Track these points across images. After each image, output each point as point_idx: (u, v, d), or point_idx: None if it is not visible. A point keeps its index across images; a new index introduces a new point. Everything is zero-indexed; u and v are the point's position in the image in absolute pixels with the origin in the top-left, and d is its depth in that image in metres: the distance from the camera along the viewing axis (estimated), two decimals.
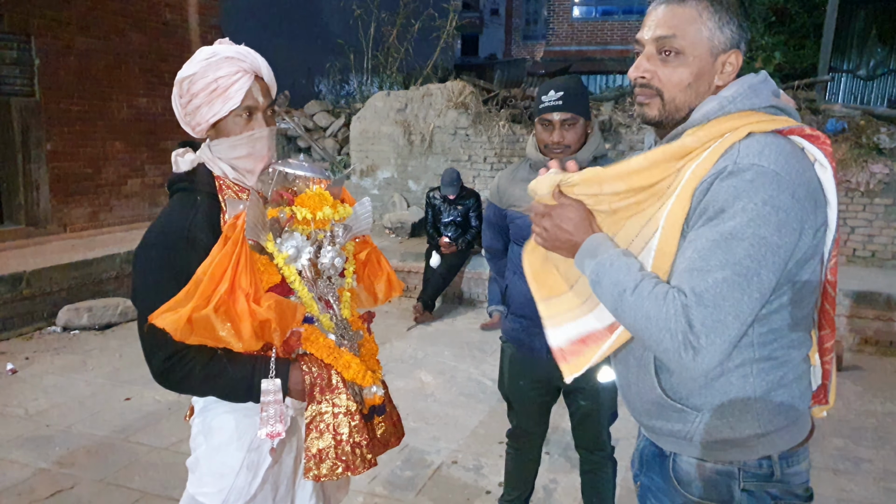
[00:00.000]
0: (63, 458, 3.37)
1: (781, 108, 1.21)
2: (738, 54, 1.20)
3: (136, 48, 8.11)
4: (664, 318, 1.05)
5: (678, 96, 1.21)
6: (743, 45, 1.21)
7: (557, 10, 17.99)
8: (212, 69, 1.42)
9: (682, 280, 1.08)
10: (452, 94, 8.01)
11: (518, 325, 2.34)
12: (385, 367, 1.69)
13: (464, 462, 3.37)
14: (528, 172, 2.29)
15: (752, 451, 1.22)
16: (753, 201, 1.06)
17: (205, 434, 1.54)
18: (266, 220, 1.41)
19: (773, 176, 1.08)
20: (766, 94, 1.20)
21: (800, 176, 1.11)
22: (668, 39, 1.18)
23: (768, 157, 1.09)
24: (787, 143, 1.14)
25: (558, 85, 2.14)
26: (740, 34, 1.20)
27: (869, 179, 6.25)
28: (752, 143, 1.12)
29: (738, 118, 1.16)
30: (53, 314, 5.62)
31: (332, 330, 1.50)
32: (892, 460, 3.47)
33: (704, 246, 1.07)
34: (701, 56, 1.19)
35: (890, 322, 5.33)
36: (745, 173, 1.08)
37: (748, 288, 1.05)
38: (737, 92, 1.18)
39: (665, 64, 1.20)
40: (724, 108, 1.17)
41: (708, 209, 1.10)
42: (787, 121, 1.18)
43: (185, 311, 1.29)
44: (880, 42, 9.43)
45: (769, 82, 1.23)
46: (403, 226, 7.92)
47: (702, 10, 1.17)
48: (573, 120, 2.13)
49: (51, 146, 7.20)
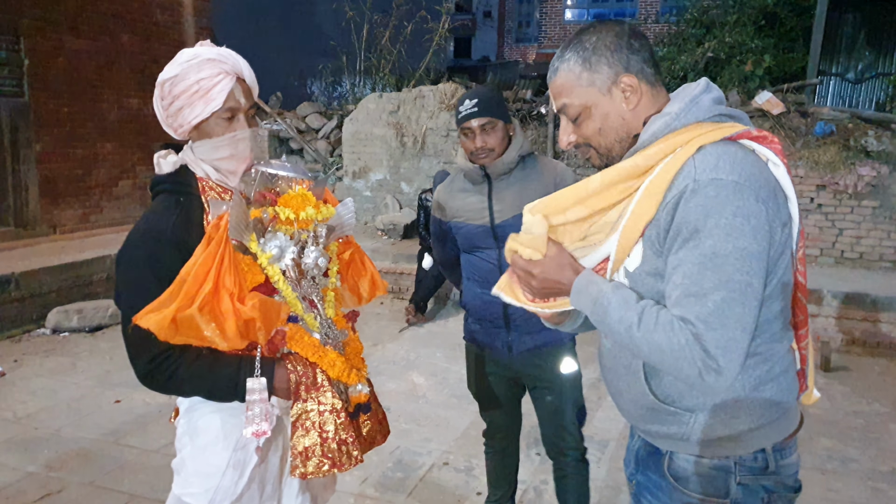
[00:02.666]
0: (52, 462, 3.35)
1: (726, 113, 1.23)
2: (628, 77, 1.24)
3: (127, 49, 8.09)
4: (679, 349, 1.10)
5: (604, 141, 1.29)
6: (634, 65, 1.24)
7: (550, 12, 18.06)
8: (193, 71, 1.42)
9: (683, 307, 1.11)
10: (445, 96, 8.03)
11: (478, 326, 2.41)
12: (377, 368, 1.70)
13: (455, 463, 3.38)
14: (463, 183, 2.36)
15: (747, 444, 1.24)
16: (724, 216, 1.10)
17: (190, 434, 1.54)
18: (249, 220, 1.42)
19: (734, 186, 1.11)
20: (707, 104, 1.22)
21: (757, 178, 1.14)
22: (565, 108, 1.28)
23: (724, 168, 1.12)
24: (737, 148, 1.17)
25: (472, 94, 2.23)
26: (621, 59, 1.24)
27: (857, 182, 6.30)
28: (705, 156, 1.14)
29: (686, 132, 1.19)
30: (43, 316, 5.60)
31: (316, 329, 1.51)
32: (879, 460, 3.50)
33: (692, 270, 1.11)
34: (596, 102, 1.26)
35: (877, 323, 5.38)
36: (707, 189, 1.11)
37: (746, 300, 1.10)
38: (680, 107, 1.21)
39: (578, 126, 1.29)
40: (671, 125, 1.20)
41: (681, 230, 1.13)
42: (734, 126, 1.20)
43: (170, 311, 1.29)
44: (868, 46, 9.52)
45: (711, 91, 1.25)
46: (396, 227, 7.93)
47: (573, 68, 1.25)
48: (491, 123, 2.20)
49: (40, 147, 7.17)
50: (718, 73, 8.79)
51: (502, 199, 2.25)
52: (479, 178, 2.29)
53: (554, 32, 17.95)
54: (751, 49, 8.86)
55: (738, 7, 10.24)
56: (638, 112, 1.25)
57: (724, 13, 10.40)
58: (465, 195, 2.34)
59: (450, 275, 2.65)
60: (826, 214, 6.51)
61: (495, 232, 2.26)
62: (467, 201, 2.32)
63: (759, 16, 9.85)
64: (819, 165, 6.43)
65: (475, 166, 2.27)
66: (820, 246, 6.58)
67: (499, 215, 2.25)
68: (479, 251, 2.31)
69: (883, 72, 9.49)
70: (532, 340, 2.29)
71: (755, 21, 9.71)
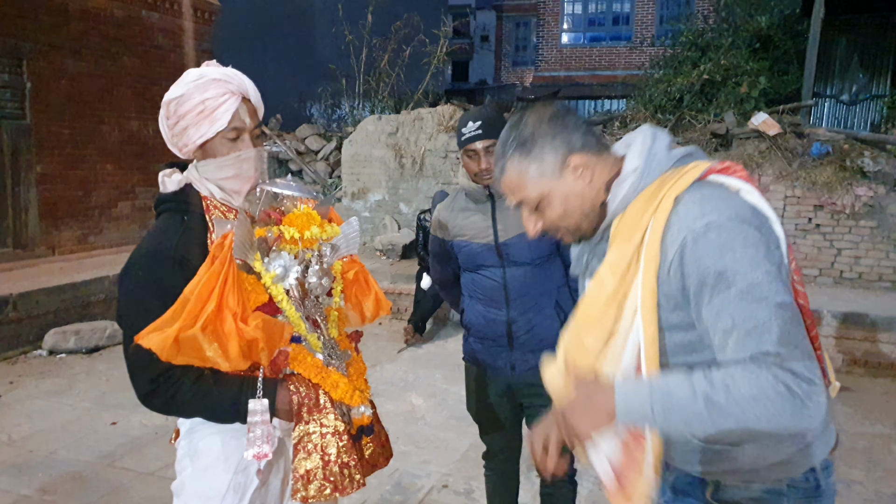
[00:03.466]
0: (46, 485, 3.30)
1: (683, 155, 1.24)
2: (576, 156, 1.23)
3: (128, 72, 8.16)
4: (770, 387, 1.01)
5: (570, 221, 1.28)
6: (576, 141, 1.23)
7: (546, 36, 18.27)
8: (199, 91, 1.43)
9: (751, 345, 1.05)
10: (443, 118, 8.09)
11: (480, 345, 2.39)
12: (375, 389, 1.68)
13: (454, 486, 3.34)
14: (465, 202, 2.36)
15: (798, 465, 1.23)
16: (737, 251, 1.08)
17: (191, 456, 1.52)
18: (254, 239, 1.42)
19: (731, 222, 1.10)
20: (663, 155, 1.23)
21: (743, 209, 1.14)
22: (523, 202, 1.28)
23: (712, 210, 1.12)
24: (711, 188, 1.17)
25: (474, 115, 2.23)
26: (563, 142, 1.23)
27: (854, 202, 6.33)
28: (687, 206, 1.14)
29: (656, 187, 1.19)
30: (40, 337, 5.56)
31: (319, 349, 1.50)
32: (883, 482, 3.46)
33: (739, 309, 1.07)
34: (551, 189, 1.25)
35: (878, 343, 5.37)
36: (708, 235, 1.10)
37: (796, 317, 1.08)
38: (639, 165, 1.22)
39: (539, 214, 1.29)
40: (638, 186, 1.21)
41: (706, 280, 1.10)
42: (696, 166, 1.21)
43: (172, 330, 1.28)
44: (861, 68, 9.64)
45: (658, 138, 1.25)
46: (394, 248, 7.93)
47: (519, 165, 1.24)
48: (495, 146, 2.20)
49: (41, 169, 7.19)
50: (714, 94, 8.88)
51: (506, 218, 2.26)
52: (482, 198, 2.30)
53: (550, 56, 18.15)
54: (746, 71, 8.96)
55: (732, 30, 10.38)
56: (595, 184, 1.25)
57: (719, 36, 10.54)
58: (467, 214, 2.35)
59: (447, 295, 2.64)
60: (824, 234, 6.53)
61: (500, 250, 2.26)
62: (470, 220, 2.33)
63: (753, 39, 9.99)
64: (816, 186, 6.46)
65: (479, 186, 2.28)
66: (819, 266, 6.59)
67: (503, 234, 2.26)
68: (484, 269, 2.31)
69: (877, 94, 9.60)
70: (535, 359, 2.27)
71: (749, 44, 9.84)
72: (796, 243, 6.62)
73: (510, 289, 2.27)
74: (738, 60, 9.19)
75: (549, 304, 2.29)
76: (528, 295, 2.27)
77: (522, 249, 2.24)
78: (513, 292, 2.28)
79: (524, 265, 2.26)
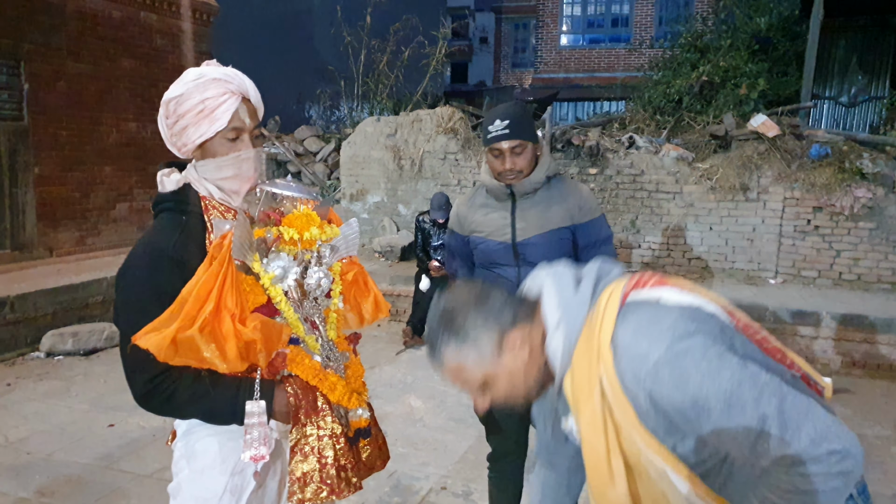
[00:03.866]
0: (44, 487, 3.29)
1: (593, 287, 1.23)
2: (512, 334, 1.21)
3: (126, 73, 8.15)
4: (802, 483, 1.03)
5: (518, 392, 1.26)
6: (506, 320, 1.21)
7: (545, 38, 18.27)
8: (199, 90, 1.42)
9: (762, 457, 1.06)
10: (442, 120, 8.08)
11: None
12: (374, 391, 1.68)
13: (453, 488, 3.33)
14: (485, 198, 2.36)
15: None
16: (693, 378, 1.08)
17: (187, 458, 1.51)
18: (253, 239, 1.41)
19: (669, 351, 1.09)
20: (576, 300, 1.22)
21: (672, 321, 1.13)
22: (467, 386, 1.26)
23: (649, 345, 1.11)
24: (633, 315, 1.16)
25: (503, 113, 2.20)
26: (496, 323, 1.21)
27: (853, 204, 6.33)
28: (628, 353, 1.13)
29: (587, 336, 1.19)
30: (37, 339, 5.54)
31: (317, 351, 1.49)
32: (883, 484, 3.46)
33: (731, 429, 1.07)
34: (493, 370, 1.22)
35: (876, 345, 5.36)
36: (662, 374, 1.09)
37: (773, 384, 1.07)
38: (561, 319, 1.21)
39: (487, 390, 1.26)
40: (570, 341, 1.20)
41: (687, 414, 1.09)
42: (611, 296, 1.20)
43: (170, 331, 1.28)
44: (861, 70, 9.65)
45: (564, 282, 1.25)
46: (393, 249, 7.92)
47: (457, 354, 1.22)
48: (521, 146, 2.20)
49: (38, 171, 7.18)
50: (713, 96, 8.88)
51: (525, 218, 2.25)
52: (503, 196, 2.29)
53: (549, 58, 18.15)
54: (745, 73, 8.96)
55: (731, 32, 10.39)
56: (535, 349, 1.24)
57: (718, 38, 10.55)
58: (486, 210, 2.33)
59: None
60: (823, 236, 6.54)
61: (516, 250, 2.25)
62: (489, 217, 2.32)
63: (752, 41, 9.99)
64: (815, 187, 6.47)
65: (501, 184, 2.26)
66: (818, 268, 6.59)
67: (521, 233, 2.25)
68: (498, 268, 2.30)
69: (875, 95, 9.61)
70: None
71: (748, 46, 9.84)
72: (795, 245, 6.63)
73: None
74: (737, 62, 9.20)
75: None
76: None
77: (539, 250, 2.22)
78: None
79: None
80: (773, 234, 6.68)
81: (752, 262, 6.78)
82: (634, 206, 7.15)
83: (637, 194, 7.14)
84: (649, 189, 7.09)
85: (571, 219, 2.26)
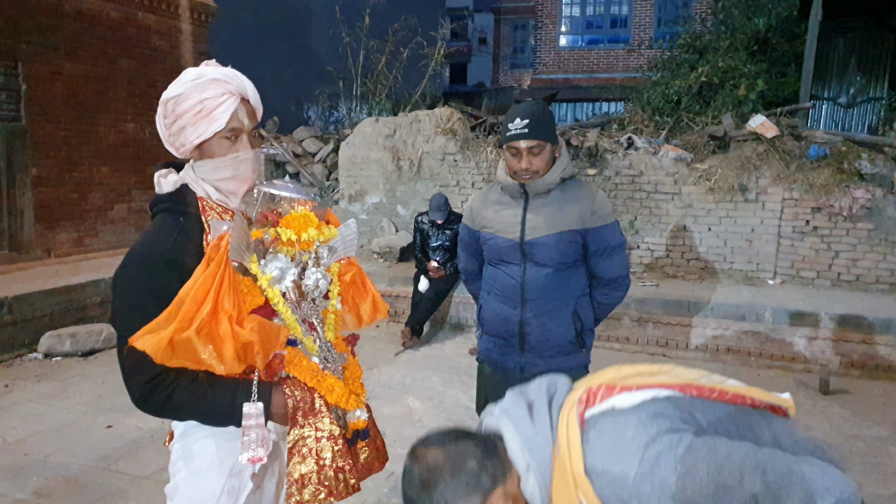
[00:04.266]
0: (41, 489, 3.28)
1: (549, 415, 1.23)
2: (493, 496, 1.19)
3: (124, 74, 8.13)
4: None
5: None
6: (485, 482, 1.19)
7: (544, 39, 18.28)
8: (198, 90, 1.42)
9: None
10: (441, 121, 8.08)
11: (492, 344, 2.37)
12: (372, 392, 1.67)
13: None
14: (499, 195, 2.36)
15: None
16: (676, 472, 1.10)
17: (185, 459, 1.51)
18: (250, 240, 1.40)
19: (641, 459, 1.11)
20: (538, 438, 1.21)
21: (633, 430, 1.15)
22: None
23: (622, 465, 1.13)
24: (597, 437, 1.17)
25: (523, 111, 2.18)
26: (477, 491, 1.18)
27: (851, 204, 6.33)
28: (607, 478, 1.14)
29: (560, 470, 1.18)
30: (35, 340, 5.53)
31: (315, 353, 1.48)
32: (881, 485, 3.46)
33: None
34: None
35: (875, 345, 5.36)
36: (644, 488, 1.11)
37: (761, 457, 1.10)
38: (530, 462, 1.20)
39: None
40: (546, 482, 1.20)
41: None
42: (568, 422, 1.20)
43: (167, 333, 1.27)
44: (859, 70, 9.66)
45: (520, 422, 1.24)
46: (392, 250, 7.91)
47: None
48: (539, 147, 2.18)
49: (36, 171, 7.16)
50: (712, 97, 8.89)
51: (536, 218, 2.24)
52: (517, 194, 2.29)
53: (548, 58, 18.16)
54: (744, 74, 8.97)
55: (730, 33, 10.40)
56: (517, 498, 1.22)
57: (717, 39, 10.56)
58: (499, 207, 2.33)
59: (471, 286, 2.62)
60: (822, 237, 6.53)
61: (524, 248, 2.25)
62: (501, 214, 2.31)
63: (750, 41, 10.00)
64: (814, 188, 6.47)
65: (515, 182, 2.25)
66: (816, 268, 6.59)
67: (530, 232, 2.24)
68: (504, 265, 2.30)
69: (874, 96, 9.62)
70: (546, 364, 2.25)
71: (747, 46, 9.85)
72: (794, 245, 6.63)
73: (527, 289, 2.25)
74: (735, 63, 9.20)
75: (567, 312, 2.26)
76: (546, 298, 2.25)
77: (547, 251, 2.22)
78: (529, 293, 2.25)
79: (546, 267, 2.23)
80: (772, 234, 6.68)
81: (751, 262, 6.78)
82: (633, 207, 7.15)
83: (636, 195, 7.14)
84: (648, 190, 7.09)
85: (583, 222, 2.24)
